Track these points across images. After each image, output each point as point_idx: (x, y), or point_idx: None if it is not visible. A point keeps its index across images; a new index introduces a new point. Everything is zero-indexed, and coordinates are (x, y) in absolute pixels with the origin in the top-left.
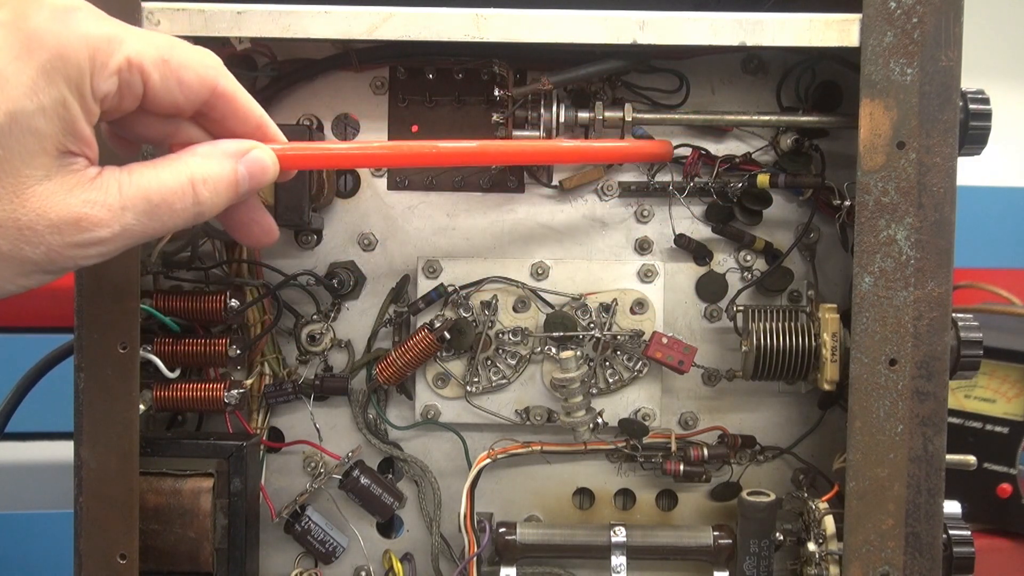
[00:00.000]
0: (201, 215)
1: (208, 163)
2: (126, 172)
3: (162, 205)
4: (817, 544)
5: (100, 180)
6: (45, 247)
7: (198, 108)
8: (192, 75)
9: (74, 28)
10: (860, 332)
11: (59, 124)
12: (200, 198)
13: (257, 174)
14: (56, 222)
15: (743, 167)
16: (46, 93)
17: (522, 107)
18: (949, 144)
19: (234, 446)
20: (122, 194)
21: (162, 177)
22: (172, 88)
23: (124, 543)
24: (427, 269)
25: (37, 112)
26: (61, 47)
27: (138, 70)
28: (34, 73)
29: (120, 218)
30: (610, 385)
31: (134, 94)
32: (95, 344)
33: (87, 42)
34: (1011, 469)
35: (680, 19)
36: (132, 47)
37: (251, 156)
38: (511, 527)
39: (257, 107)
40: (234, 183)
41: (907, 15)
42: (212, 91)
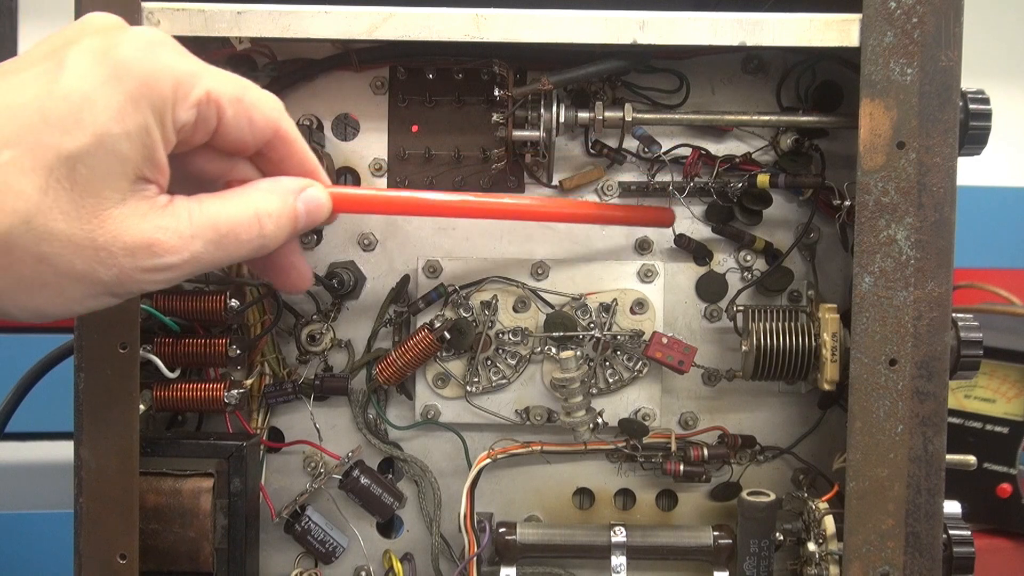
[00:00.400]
0: (264, 248)
1: (272, 198)
2: (196, 202)
3: (229, 235)
4: (817, 544)
5: (172, 207)
6: (118, 269)
7: (259, 148)
8: (261, 115)
9: (161, 59)
10: (860, 332)
11: (141, 150)
12: (265, 231)
13: (314, 212)
14: (131, 245)
15: (743, 167)
16: (132, 119)
17: (522, 107)
18: (949, 144)
19: (234, 446)
20: (192, 223)
21: (230, 208)
22: (242, 125)
23: (124, 543)
24: (427, 269)
25: (122, 137)
26: (148, 76)
27: (215, 104)
28: (122, 99)
29: (190, 246)
30: (610, 385)
31: (208, 128)
32: (95, 344)
33: (172, 73)
34: (1011, 469)
35: (680, 19)
36: (212, 82)
37: (308, 194)
38: (511, 527)
39: (310, 153)
40: (294, 218)
41: (907, 15)
42: (275, 133)
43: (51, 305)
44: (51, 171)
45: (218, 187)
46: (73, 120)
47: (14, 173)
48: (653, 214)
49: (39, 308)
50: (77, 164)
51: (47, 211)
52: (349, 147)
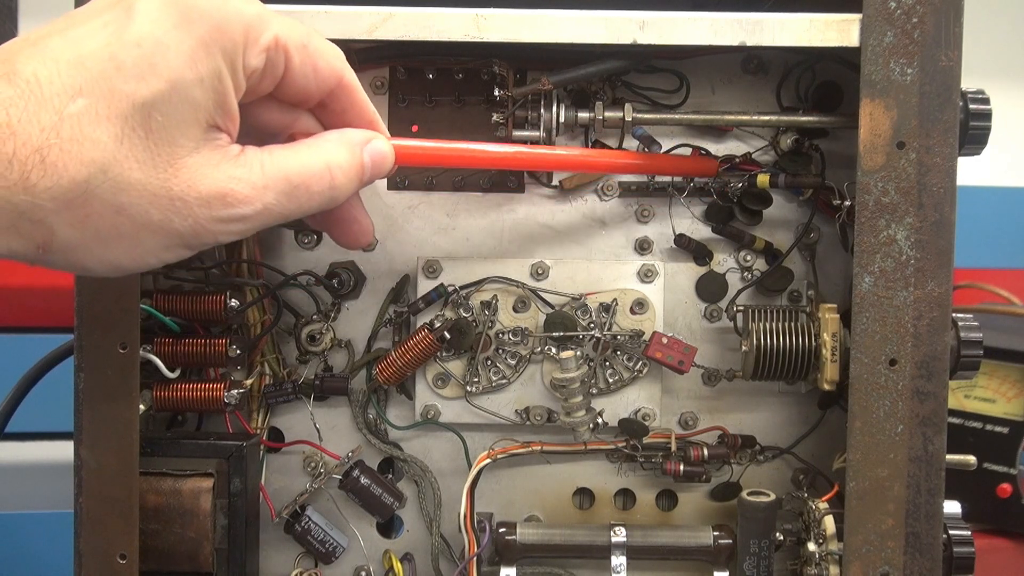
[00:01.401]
0: (334, 200)
1: (341, 149)
2: (267, 152)
3: (301, 187)
4: (817, 544)
5: (244, 157)
6: (193, 220)
7: (322, 98)
8: (325, 64)
9: (230, 4)
10: (860, 332)
11: (213, 96)
12: (336, 182)
13: (379, 164)
14: (205, 195)
15: (743, 167)
16: (204, 64)
17: (522, 107)
18: (949, 144)
19: (234, 446)
20: (265, 173)
21: (302, 159)
22: (308, 73)
23: (124, 543)
24: (427, 269)
25: (195, 82)
26: (219, 20)
27: (283, 50)
28: (194, 43)
29: (262, 196)
30: (610, 385)
31: (275, 74)
32: (95, 344)
33: (241, 17)
34: (1011, 469)
35: (680, 19)
36: (280, 27)
37: (374, 146)
38: (511, 527)
39: (371, 104)
40: (361, 170)
41: (907, 15)
42: (339, 82)
43: (127, 257)
44: (126, 119)
45: (281, 140)
46: (147, 66)
47: (89, 122)
48: (698, 164)
49: (116, 260)
50: (152, 111)
51: (123, 160)
52: None
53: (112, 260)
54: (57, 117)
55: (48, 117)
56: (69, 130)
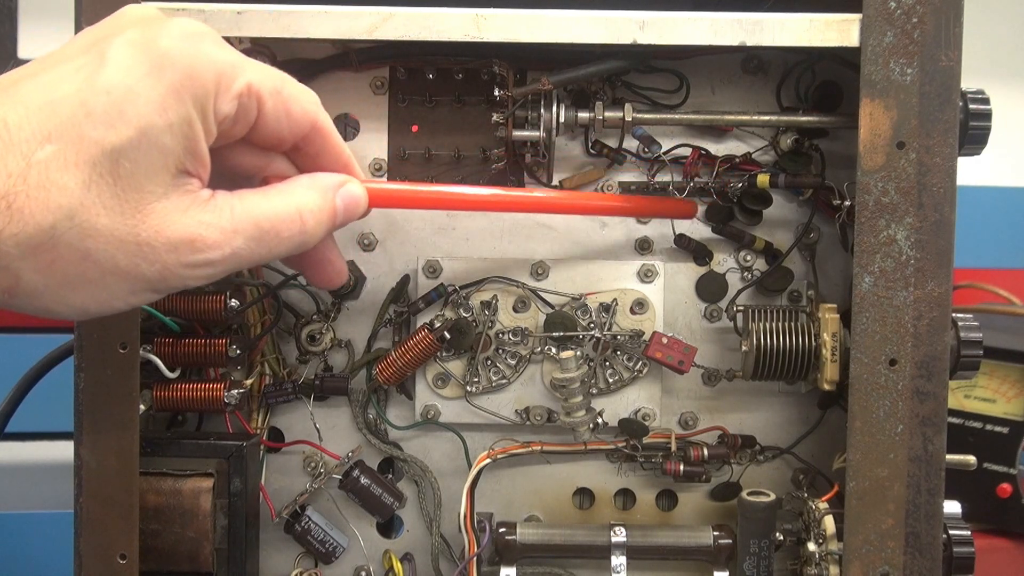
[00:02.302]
0: (305, 244)
1: (312, 194)
2: (237, 197)
3: (271, 232)
4: (817, 544)
5: (214, 202)
6: (160, 265)
7: (296, 142)
8: (299, 108)
9: (202, 51)
10: (860, 332)
11: (183, 143)
12: (307, 227)
13: (351, 207)
14: (173, 240)
15: (743, 167)
16: (174, 111)
17: (522, 107)
18: (949, 144)
19: (234, 446)
20: (234, 218)
21: (272, 204)
22: (281, 118)
23: (124, 543)
24: (427, 269)
25: (165, 129)
26: (190, 68)
27: (256, 96)
28: (164, 90)
29: (231, 241)
30: (610, 385)
31: (248, 120)
32: (95, 344)
33: (213, 65)
34: (1011, 469)
35: (680, 19)
36: (253, 74)
37: (347, 190)
38: (511, 527)
39: (345, 147)
40: (333, 215)
41: (907, 15)
42: (312, 126)
43: (94, 302)
44: (94, 165)
45: (254, 183)
46: (116, 113)
47: (57, 168)
48: (675, 206)
49: (82, 305)
50: (120, 158)
51: (90, 206)
52: (349, 147)
53: (78, 305)
54: (25, 163)
55: (16, 163)
56: (36, 176)
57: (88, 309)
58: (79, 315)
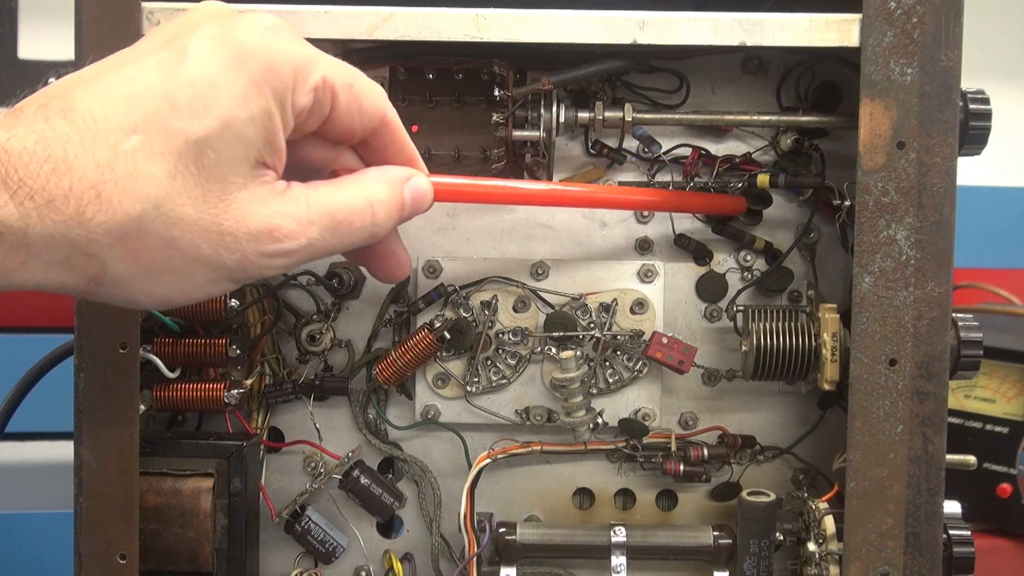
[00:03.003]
0: (375, 236)
1: (382, 187)
2: (311, 188)
3: (344, 223)
4: (817, 544)
5: (290, 193)
6: (240, 254)
7: (365, 136)
8: (370, 102)
9: (280, 44)
10: (860, 332)
11: (263, 135)
12: (377, 218)
13: (419, 201)
14: (254, 230)
15: (743, 167)
16: (256, 103)
17: (522, 107)
18: (949, 144)
19: (234, 446)
20: (310, 208)
21: (345, 196)
22: (353, 112)
23: (124, 543)
24: (427, 269)
25: (247, 121)
26: (270, 61)
27: (331, 90)
28: (246, 83)
29: (307, 231)
30: (610, 385)
31: (322, 113)
32: (95, 344)
33: (292, 58)
34: (1011, 469)
35: (680, 19)
36: (328, 67)
37: (414, 183)
38: (511, 527)
39: (410, 142)
40: (401, 207)
41: (907, 15)
42: (381, 121)
43: (175, 291)
44: (180, 156)
45: (323, 176)
46: (200, 105)
47: (143, 158)
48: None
49: (164, 294)
50: (205, 149)
51: (176, 196)
52: None
53: (160, 293)
54: (112, 153)
55: (103, 153)
56: (124, 166)
57: (170, 298)
58: (160, 304)
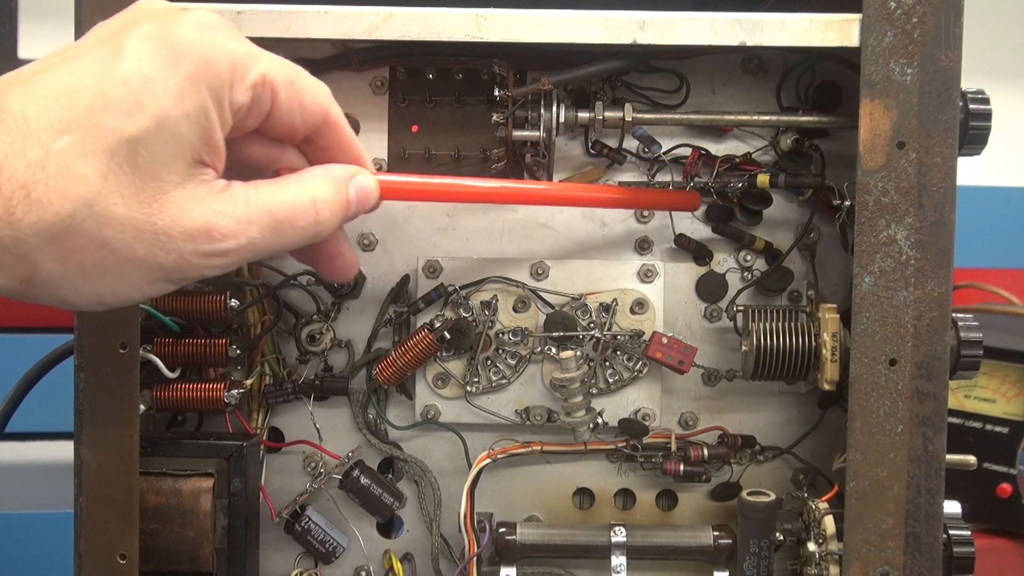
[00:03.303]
0: (318, 235)
1: (326, 185)
2: (252, 187)
3: (285, 222)
4: (817, 544)
5: (229, 192)
6: (176, 254)
7: (308, 134)
8: (312, 100)
9: (218, 41)
10: (860, 332)
11: (199, 132)
12: (320, 217)
13: (364, 199)
14: (190, 230)
15: (743, 167)
16: (191, 100)
17: (522, 107)
18: (949, 144)
19: (234, 446)
20: (249, 208)
21: (287, 194)
22: (294, 110)
23: (124, 543)
24: (427, 269)
25: (182, 119)
26: (206, 58)
27: (270, 87)
28: (181, 80)
29: (247, 231)
30: (610, 385)
31: (261, 111)
32: (95, 344)
33: (229, 55)
34: (1011, 469)
35: (680, 19)
36: (267, 64)
37: (358, 181)
38: (511, 527)
39: (356, 140)
40: (346, 206)
41: (907, 15)
42: (324, 119)
43: (110, 292)
44: (112, 155)
45: (266, 176)
46: (134, 103)
47: (75, 157)
48: (679, 198)
49: (98, 295)
50: (138, 147)
51: (108, 195)
52: None
53: (94, 294)
54: (43, 152)
55: (34, 153)
56: (55, 166)
57: (104, 299)
58: (94, 305)
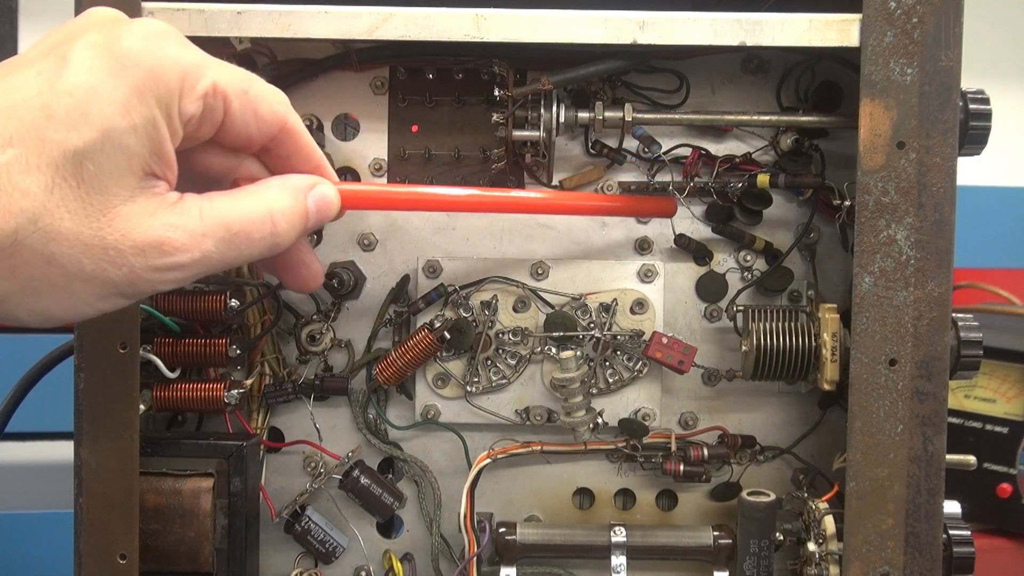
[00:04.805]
0: (276, 247)
1: (283, 195)
2: (206, 199)
3: (241, 234)
4: (817, 544)
5: (182, 205)
6: (128, 269)
7: (266, 143)
8: (267, 108)
9: (166, 51)
10: (860, 332)
11: (148, 144)
12: (277, 229)
13: (323, 209)
14: (140, 244)
15: (743, 167)
16: (138, 112)
17: (522, 107)
18: (949, 144)
19: (234, 446)
20: (203, 220)
21: (242, 206)
22: (248, 119)
23: (124, 543)
24: (427, 269)
25: (129, 130)
26: (153, 68)
27: (222, 96)
28: (127, 91)
29: (200, 244)
30: (610, 385)
31: (214, 121)
32: (95, 344)
33: (177, 65)
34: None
35: (680, 19)
36: (218, 74)
37: (318, 191)
38: (511, 527)
39: (317, 148)
40: (305, 217)
41: (907, 15)
42: (282, 127)
43: (60, 308)
44: (57, 168)
45: (225, 186)
46: (78, 115)
47: (19, 171)
48: (655, 205)
49: (47, 311)
50: (84, 160)
51: (54, 210)
52: (349, 147)
53: (43, 310)
54: None
55: None
56: None
57: (54, 315)
58: (45, 321)
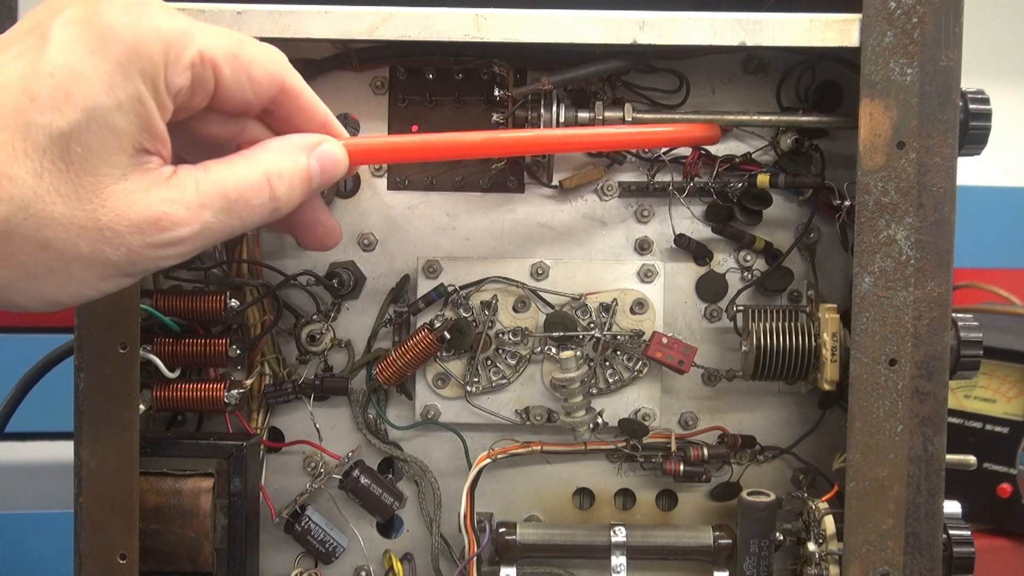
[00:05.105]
0: (278, 211)
1: (281, 158)
2: (201, 170)
3: (239, 201)
4: (817, 544)
5: (176, 178)
6: (126, 248)
7: (265, 105)
8: (261, 71)
9: (147, 22)
10: (860, 332)
11: (136, 121)
12: (276, 193)
13: (329, 168)
14: (137, 222)
15: (743, 167)
16: (123, 88)
17: (522, 107)
18: (949, 144)
19: (234, 446)
20: (200, 192)
21: (238, 173)
22: (243, 84)
23: (124, 543)
24: (427, 269)
25: (114, 108)
26: (135, 41)
27: (210, 64)
28: (110, 68)
29: (199, 216)
30: (610, 385)
31: (206, 90)
32: (95, 344)
33: (160, 36)
34: (1011, 469)
35: (680, 19)
36: (204, 41)
37: (322, 150)
38: (511, 527)
39: (321, 104)
40: (307, 178)
41: (907, 15)
42: (280, 87)
43: (61, 292)
44: (44, 153)
45: (230, 151)
46: (62, 96)
47: (5, 159)
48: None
49: (49, 296)
50: (70, 143)
51: (44, 195)
52: None
53: (45, 296)
54: None
55: None
56: None
57: (58, 299)
58: (47, 306)
